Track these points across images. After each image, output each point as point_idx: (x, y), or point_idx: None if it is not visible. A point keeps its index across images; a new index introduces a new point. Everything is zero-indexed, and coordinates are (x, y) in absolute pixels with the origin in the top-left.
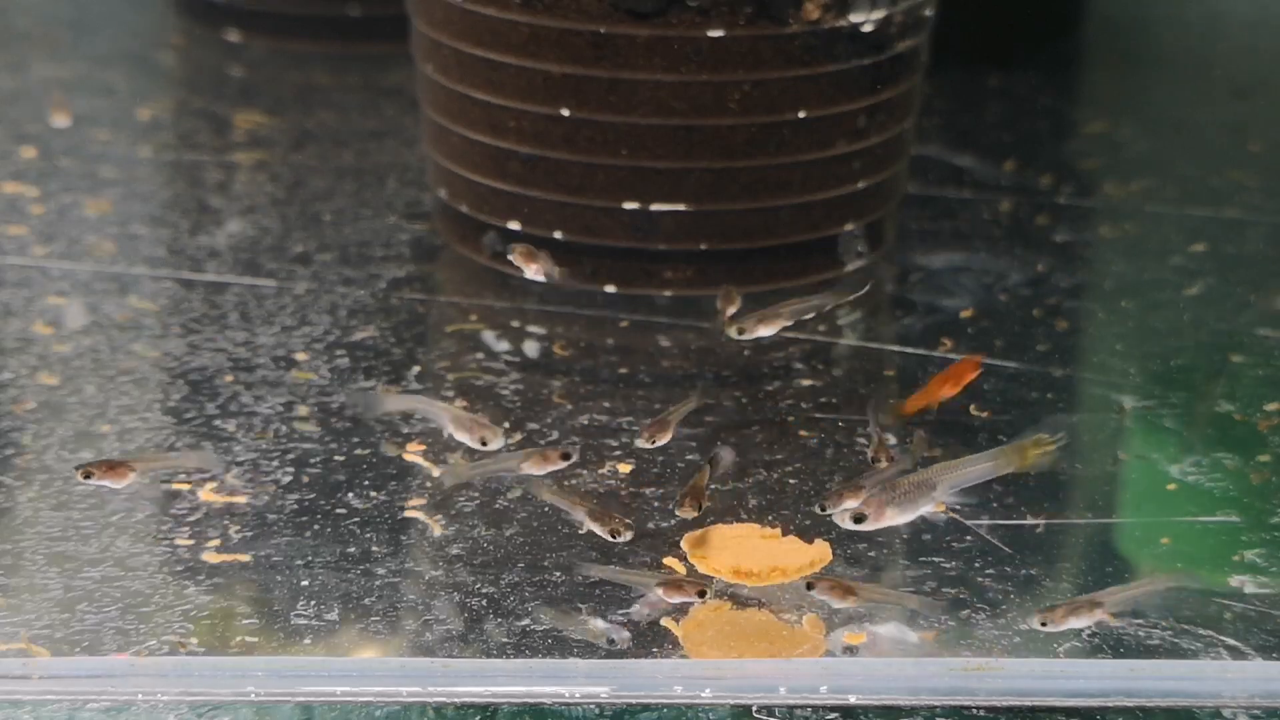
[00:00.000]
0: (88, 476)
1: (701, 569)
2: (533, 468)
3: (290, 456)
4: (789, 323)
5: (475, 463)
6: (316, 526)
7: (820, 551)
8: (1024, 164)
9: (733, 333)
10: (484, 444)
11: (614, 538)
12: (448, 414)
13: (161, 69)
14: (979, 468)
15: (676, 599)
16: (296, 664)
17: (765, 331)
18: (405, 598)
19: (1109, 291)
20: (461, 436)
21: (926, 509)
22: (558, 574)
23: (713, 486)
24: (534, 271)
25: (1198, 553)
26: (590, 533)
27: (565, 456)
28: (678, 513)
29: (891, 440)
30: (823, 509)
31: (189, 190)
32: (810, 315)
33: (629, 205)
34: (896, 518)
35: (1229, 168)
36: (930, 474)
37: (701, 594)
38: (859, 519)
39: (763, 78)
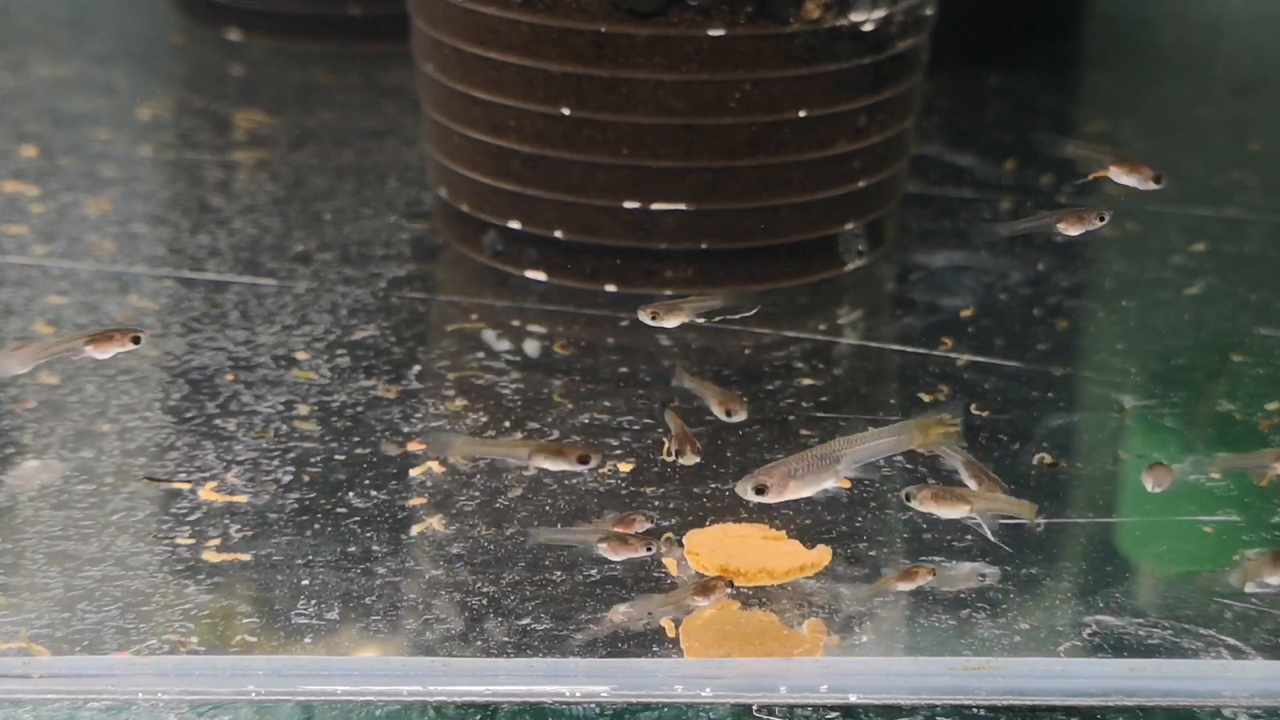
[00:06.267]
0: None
1: (693, 565)
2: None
3: (291, 456)
4: (689, 319)
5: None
6: (317, 526)
7: (819, 555)
8: (1024, 164)
9: (646, 318)
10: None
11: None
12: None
13: (161, 68)
14: (882, 443)
15: (622, 555)
16: (297, 663)
17: (671, 323)
18: (406, 597)
19: (1109, 291)
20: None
21: (830, 484)
22: (558, 573)
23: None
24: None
25: (1198, 552)
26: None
27: (583, 459)
28: (681, 461)
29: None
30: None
31: (189, 189)
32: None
33: (629, 204)
34: (800, 491)
35: (1229, 167)
36: (834, 447)
37: (649, 549)
38: (760, 490)
39: (763, 77)
